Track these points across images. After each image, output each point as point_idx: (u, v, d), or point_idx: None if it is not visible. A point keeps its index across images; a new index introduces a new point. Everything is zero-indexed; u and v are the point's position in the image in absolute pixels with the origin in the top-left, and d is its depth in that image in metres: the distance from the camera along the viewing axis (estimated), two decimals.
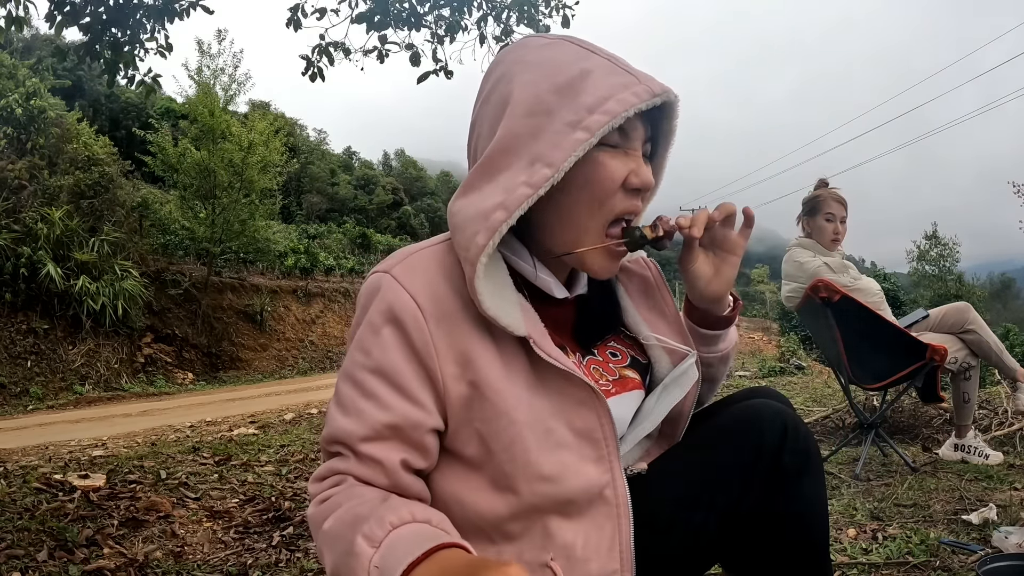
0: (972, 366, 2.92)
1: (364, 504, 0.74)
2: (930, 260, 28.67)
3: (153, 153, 13.98)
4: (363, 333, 0.80)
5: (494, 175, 0.79)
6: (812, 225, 3.08)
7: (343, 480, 0.79)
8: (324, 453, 0.83)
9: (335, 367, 15.81)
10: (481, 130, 0.84)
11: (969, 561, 1.79)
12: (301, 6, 3.99)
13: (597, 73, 0.77)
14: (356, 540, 0.69)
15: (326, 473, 0.81)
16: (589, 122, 0.75)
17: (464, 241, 0.78)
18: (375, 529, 0.69)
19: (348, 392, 0.80)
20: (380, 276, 0.81)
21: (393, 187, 48.17)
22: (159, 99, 21.37)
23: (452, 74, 4.19)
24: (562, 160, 0.75)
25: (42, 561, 2.00)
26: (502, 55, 0.87)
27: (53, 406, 9.11)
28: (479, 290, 0.76)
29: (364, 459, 0.79)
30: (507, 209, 0.76)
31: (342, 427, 0.79)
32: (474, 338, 0.79)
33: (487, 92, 0.84)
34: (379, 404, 0.78)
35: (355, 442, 0.78)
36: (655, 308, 0.99)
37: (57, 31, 3.51)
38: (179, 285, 13.28)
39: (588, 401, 0.82)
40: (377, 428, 0.78)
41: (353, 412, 0.79)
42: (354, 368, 0.80)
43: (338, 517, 0.75)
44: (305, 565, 2.12)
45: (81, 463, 3.34)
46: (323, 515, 0.77)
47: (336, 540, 0.73)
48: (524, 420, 0.79)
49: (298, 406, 6.94)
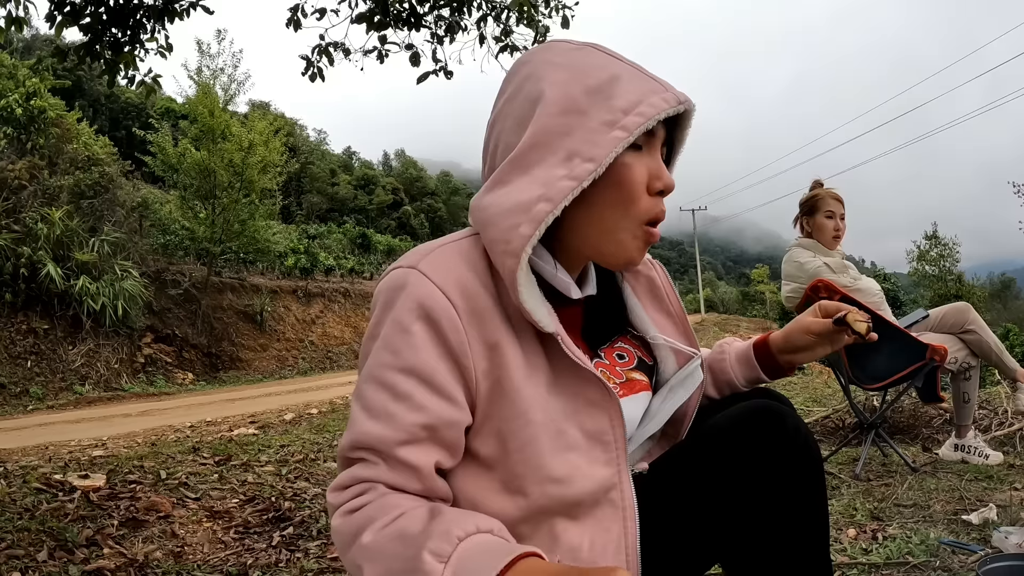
0: (972, 366, 2.92)
1: (409, 517, 0.71)
2: (930, 260, 28.69)
3: (153, 153, 14.00)
4: (390, 332, 0.77)
5: (527, 169, 0.79)
6: (812, 224, 3.09)
7: (371, 488, 0.76)
8: (342, 461, 0.79)
9: (335, 367, 15.82)
10: (505, 125, 0.84)
11: (969, 561, 1.79)
12: (301, 6, 3.99)
13: (626, 78, 0.79)
14: (422, 557, 0.66)
15: (349, 482, 0.77)
16: (626, 122, 0.77)
17: (502, 233, 0.77)
18: (442, 545, 0.66)
19: (376, 395, 0.76)
20: (405, 272, 0.78)
21: (393, 187, 48.15)
22: (159, 99, 21.38)
23: (452, 74, 4.19)
24: (603, 156, 0.76)
25: (42, 561, 2.00)
26: (528, 56, 0.87)
27: (53, 406, 9.12)
28: (521, 282, 0.76)
29: (397, 464, 0.75)
30: (551, 201, 0.76)
31: (371, 432, 0.75)
32: (501, 334, 0.78)
33: (513, 89, 0.84)
34: (413, 405, 0.75)
35: (389, 447, 0.75)
36: (661, 308, 1.00)
37: (57, 31, 3.51)
38: (179, 285, 13.29)
39: (601, 403, 0.82)
40: (412, 430, 0.75)
41: (383, 416, 0.75)
42: (381, 369, 0.76)
43: (381, 531, 0.71)
44: (305, 565, 2.12)
45: (81, 463, 3.34)
46: (356, 527, 0.73)
47: (385, 556, 0.69)
48: (540, 421, 0.78)
49: (298, 406, 6.94)
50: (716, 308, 46.30)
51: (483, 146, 0.89)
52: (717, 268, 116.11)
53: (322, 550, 2.27)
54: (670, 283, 1.02)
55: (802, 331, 1.02)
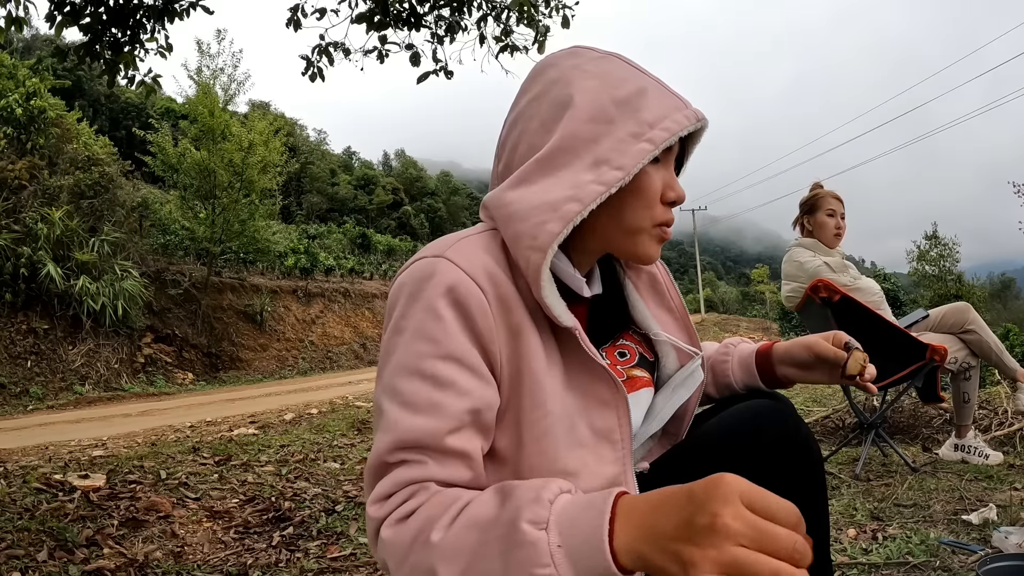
0: (972, 366, 2.92)
1: (478, 503, 0.68)
2: (930, 260, 28.71)
3: (153, 153, 13.99)
4: (423, 321, 0.75)
5: (553, 171, 0.81)
6: (813, 222, 3.10)
7: (420, 489, 0.71)
8: (379, 468, 0.74)
9: (335, 367, 15.82)
10: (529, 125, 0.86)
11: (969, 561, 1.79)
12: (301, 6, 3.99)
13: (652, 92, 0.83)
14: (521, 529, 0.62)
15: (392, 488, 0.72)
16: (652, 135, 0.80)
17: (529, 229, 0.78)
18: (537, 511, 0.63)
19: (417, 388, 0.73)
20: (433, 260, 0.78)
21: (393, 187, 48.17)
22: (159, 99, 21.39)
23: (452, 74, 4.19)
24: (631, 165, 0.79)
25: (42, 561, 2.00)
26: (554, 59, 0.89)
27: (53, 406, 9.12)
28: (544, 277, 0.77)
29: (447, 456, 0.73)
30: (581, 202, 0.78)
31: (418, 427, 0.72)
32: (524, 324, 0.79)
33: (539, 90, 0.87)
34: (458, 391, 0.74)
35: (438, 439, 0.72)
36: (663, 304, 1.01)
37: (57, 31, 3.51)
38: (179, 285, 13.29)
39: (611, 401, 0.83)
40: (460, 417, 0.73)
41: (428, 407, 0.73)
42: (420, 360, 0.74)
43: (450, 526, 0.66)
44: (305, 565, 2.12)
45: (81, 463, 3.34)
46: (415, 532, 0.68)
47: (464, 549, 0.65)
48: (557, 413, 0.79)
49: (298, 406, 6.94)
50: (716, 308, 46.33)
51: (500, 141, 0.91)
52: (717, 268, 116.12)
53: (322, 550, 2.27)
54: (671, 279, 1.04)
55: (805, 347, 1.00)
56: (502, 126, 0.91)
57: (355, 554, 2.23)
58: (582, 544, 0.60)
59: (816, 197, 3.11)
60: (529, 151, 0.84)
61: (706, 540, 0.54)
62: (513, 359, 0.78)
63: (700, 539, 0.54)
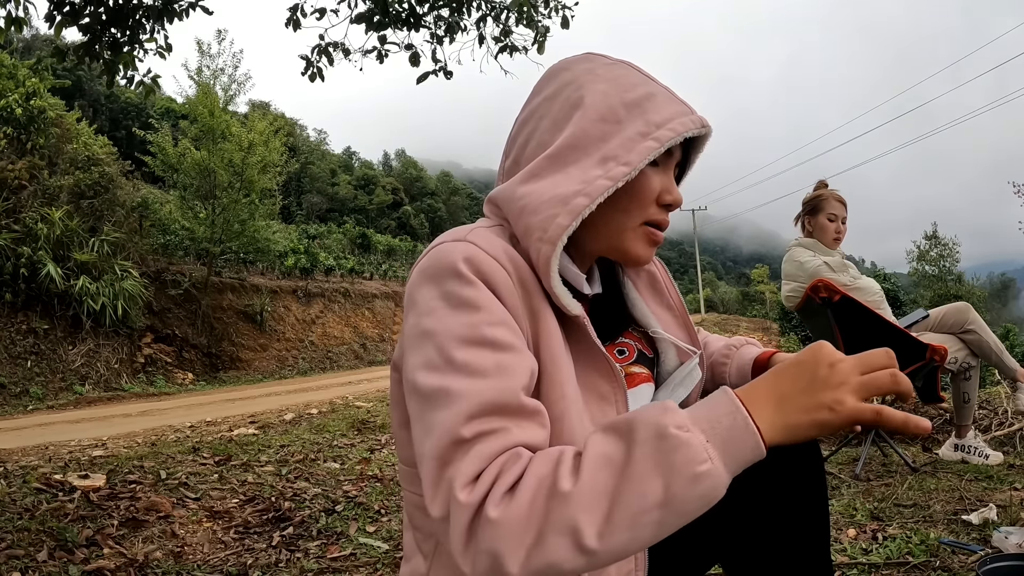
0: (972, 366, 2.92)
1: (594, 444, 0.65)
2: (930, 260, 28.75)
3: (153, 153, 13.98)
4: (458, 295, 0.73)
5: (563, 167, 0.83)
6: (814, 224, 3.09)
7: (513, 456, 0.66)
8: (451, 450, 0.66)
9: (335, 367, 15.82)
10: (540, 123, 0.88)
11: (969, 561, 1.79)
12: (301, 6, 3.99)
13: (660, 97, 0.86)
14: (671, 434, 0.62)
15: (481, 464, 0.65)
16: (658, 134, 0.83)
17: (540, 222, 0.80)
18: (676, 418, 0.64)
19: (477, 354, 0.70)
20: (453, 244, 0.78)
21: (393, 187, 48.18)
22: (159, 99, 21.37)
23: (451, 74, 4.19)
24: (637, 161, 0.81)
25: (42, 561, 2.00)
26: (568, 63, 0.92)
27: (53, 406, 9.11)
28: (554, 268, 0.79)
29: (526, 416, 0.70)
30: (589, 196, 0.80)
31: (491, 390, 0.68)
32: (542, 308, 0.81)
33: (552, 90, 0.90)
34: (516, 352, 0.72)
35: (514, 398, 0.69)
36: (662, 302, 1.03)
37: (57, 31, 3.51)
38: (179, 285, 13.28)
39: (610, 396, 0.85)
40: (526, 376, 0.72)
41: (496, 370, 0.70)
42: (472, 328, 0.72)
43: (574, 475, 0.63)
44: (305, 565, 2.12)
45: (81, 463, 3.34)
46: (530, 496, 0.63)
47: (609, 485, 0.62)
48: (571, 396, 0.79)
49: (298, 406, 6.93)
50: (716, 308, 46.32)
51: (509, 137, 0.94)
52: (717, 268, 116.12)
53: (322, 550, 2.27)
54: (669, 278, 1.06)
55: None
56: (513, 123, 0.94)
57: (355, 554, 2.23)
58: (728, 433, 0.64)
59: (819, 199, 3.10)
60: (539, 148, 0.87)
61: (835, 380, 0.66)
62: (535, 339, 0.79)
63: (831, 383, 0.66)
